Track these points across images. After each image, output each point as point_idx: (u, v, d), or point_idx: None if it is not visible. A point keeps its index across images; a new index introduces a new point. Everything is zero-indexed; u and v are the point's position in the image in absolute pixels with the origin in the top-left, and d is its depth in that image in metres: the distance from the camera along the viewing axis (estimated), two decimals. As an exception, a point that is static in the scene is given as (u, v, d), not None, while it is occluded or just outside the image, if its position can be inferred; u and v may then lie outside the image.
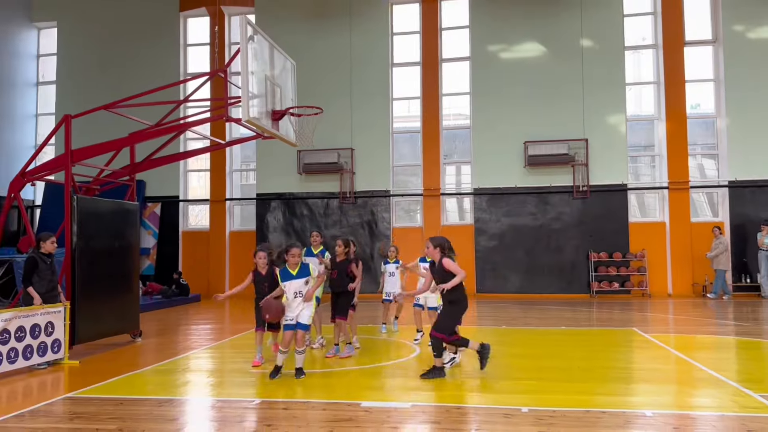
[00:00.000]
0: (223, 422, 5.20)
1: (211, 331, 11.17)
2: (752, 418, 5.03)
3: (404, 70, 18.52)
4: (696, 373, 6.89)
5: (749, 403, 5.47)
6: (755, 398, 5.62)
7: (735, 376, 6.58)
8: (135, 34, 19.31)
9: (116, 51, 19.34)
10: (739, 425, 4.84)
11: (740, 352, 8.53)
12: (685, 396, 6.08)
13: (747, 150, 16.30)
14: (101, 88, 18.30)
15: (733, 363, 7.78)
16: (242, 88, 7.96)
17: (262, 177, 18.44)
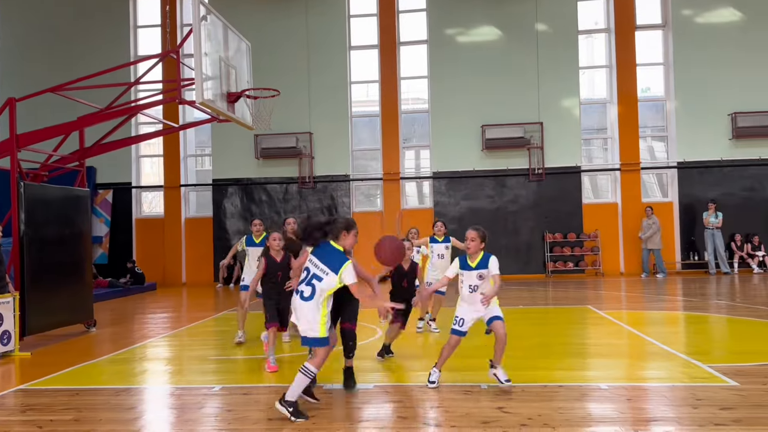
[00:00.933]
0: (182, 409, 5.12)
1: (168, 319, 10.96)
2: (701, 387, 5.25)
3: (362, 53, 18.39)
4: (647, 347, 7.14)
5: (698, 374, 5.70)
6: (703, 369, 5.86)
7: (684, 349, 6.84)
8: (83, 15, 18.56)
9: (63, 32, 18.55)
10: (689, 395, 5.04)
11: (689, 326, 8.88)
12: (637, 369, 6.30)
13: (695, 132, 16.84)
14: (48, 70, 17.53)
15: (682, 336, 8.09)
16: (195, 69, 7.75)
17: (219, 162, 18.09)
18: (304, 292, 4.61)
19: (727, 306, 10.47)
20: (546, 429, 4.25)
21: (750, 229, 16.45)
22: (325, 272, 4.58)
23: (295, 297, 4.70)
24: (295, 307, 4.72)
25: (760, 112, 16.36)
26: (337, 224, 4.71)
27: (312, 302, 4.58)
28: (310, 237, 4.71)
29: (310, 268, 4.64)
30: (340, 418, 4.67)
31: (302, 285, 4.64)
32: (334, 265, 4.57)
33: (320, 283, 4.57)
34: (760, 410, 4.56)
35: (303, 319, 4.63)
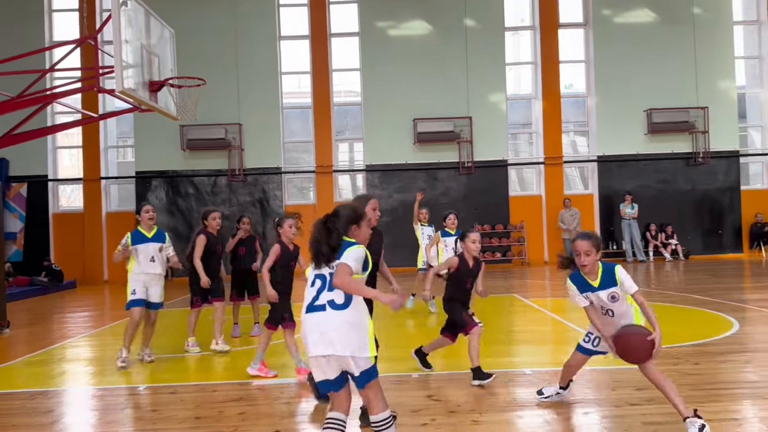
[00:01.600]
0: (104, 411, 4.92)
1: (88, 318, 10.49)
2: (618, 370, 5.53)
3: (293, 43, 18.14)
4: (569, 333, 7.45)
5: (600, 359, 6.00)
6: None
7: (602, 333, 7.19)
8: (-11, -4, 17.35)
9: (-34, 13, 17.27)
10: (608, 378, 5.31)
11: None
12: (560, 354, 6.54)
13: (613, 127, 17.66)
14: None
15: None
16: (115, 56, 7.41)
17: (142, 154, 17.40)
18: (336, 300, 3.22)
19: (643, 292, 11.06)
20: (473, 414, 4.37)
21: (664, 219, 17.45)
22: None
23: (312, 314, 3.27)
24: (314, 325, 3.25)
25: (673, 108, 17.35)
26: (340, 219, 3.42)
27: (350, 309, 3.23)
28: (321, 256, 3.33)
29: (324, 273, 3.32)
30: (271, 414, 4.62)
31: (324, 294, 3.26)
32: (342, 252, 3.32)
33: None
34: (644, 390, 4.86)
35: (344, 337, 3.18)
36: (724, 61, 17.64)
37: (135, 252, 6.48)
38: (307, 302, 3.31)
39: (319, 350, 3.19)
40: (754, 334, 6.97)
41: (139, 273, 6.49)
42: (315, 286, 3.33)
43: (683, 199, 17.52)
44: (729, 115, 17.57)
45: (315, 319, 3.24)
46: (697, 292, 10.41)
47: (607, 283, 4.05)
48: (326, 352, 3.18)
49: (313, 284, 3.35)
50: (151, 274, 6.54)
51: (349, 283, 3.21)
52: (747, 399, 4.61)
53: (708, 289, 10.76)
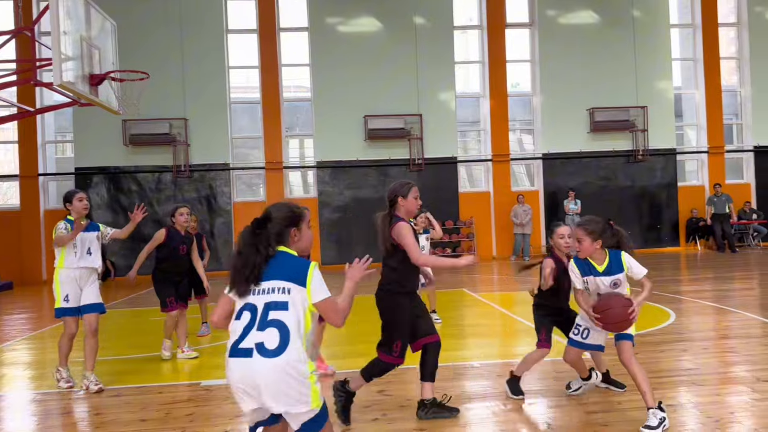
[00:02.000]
0: (44, 416, 4.74)
1: (27, 320, 10.06)
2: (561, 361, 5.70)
3: (241, 37, 17.84)
4: (516, 326, 7.64)
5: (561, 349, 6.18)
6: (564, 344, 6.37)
7: (548, 326, 7.40)
8: None
9: None
10: (552, 369, 5.47)
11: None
12: (506, 347, 6.73)
13: (557, 125, 18.13)
14: None
15: (546, 315, 8.74)
16: (53, 49, 7.12)
17: (82, 149, 16.77)
18: (266, 343, 2.55)
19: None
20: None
21: (605, 214, 17.88)
22: (287, 290, 2.64)
23: (237, 360, 2.58)
24: (240, 374, 2.57)
25: (614, 107, 17.94)
26: (275, 224, 2.76)
27: (285, 355, 2.55)
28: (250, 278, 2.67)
29: (253, 303, 2.64)
30: (220, 415, 4.55)
31: (252, 334, 2.58)
32: (295, 273, 2.68)
33: (289, 314, 2.61)
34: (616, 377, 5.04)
35: (277, 390, 2.55)
36: (661, 62, 18.36)
37: (69, 245, 5.41)
38: (231, 342, 2.62)
39: (248, 405, 2.62)
40: (690, 324, 7.31)
41: (74, 268, 5.40)
42: (242, 321, 2.62)
43: (624, 195, 18.17)
44: (666, 114, 18.31)
45: (240, 367, 2.56)
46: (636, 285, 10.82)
47: (613, 270, 4.11)
48: (255, 406, 2.61)
49: (239, 317, 2.64)
50: (88, 269, 5.49)
51: (345, 312, 2.78)
52: (684, 386, 4.83)
53: (647, 282, 11.20)
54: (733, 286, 10.88)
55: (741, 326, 7.13)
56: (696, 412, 4.24)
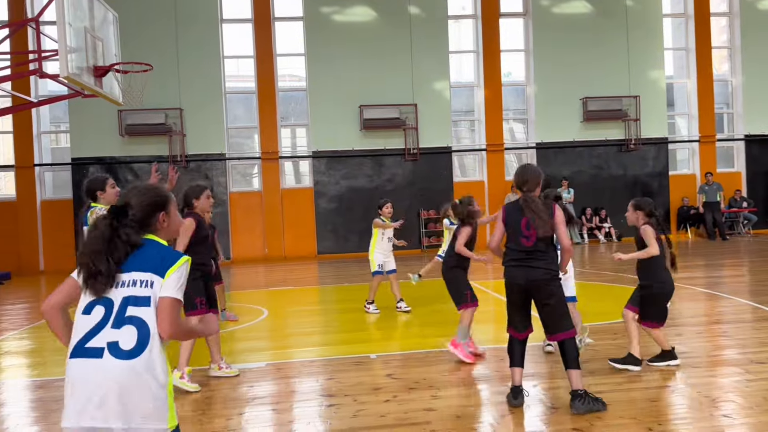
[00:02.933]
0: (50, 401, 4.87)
1: (27, 310, 10.15)
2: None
3: (235, 26, 17.82)
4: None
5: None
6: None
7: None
8: None
9: None
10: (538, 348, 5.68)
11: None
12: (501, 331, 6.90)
13: (551, 115, 18.30)
14: None
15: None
16: (59, 40, 7.18)
17: (77, 140, 16.74)
18: (121, 343, 2.18)
19: (579, 272, 11.66)
20: (431, 390, 4.61)
21: (598, 203, 18.30)
22: (149, 283, 2.24)
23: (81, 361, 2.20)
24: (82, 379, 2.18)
25: (606, 97, 18.12)
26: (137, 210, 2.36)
27: (144, 357, 2.19)
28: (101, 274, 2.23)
29: (109, 297, 2.23)
30: (236, 398, 4.71)
31: (104, 332, 2.19)
32: (160, 264, 2.28)
33: (150, 311, 2.22)
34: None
35: (128, 400, 2.15)
36: (654, 52, 18.55)
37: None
38: (76, 340, 2.22)
39: (83, 420, 2.14)
40: (682, 309, 7.54)
41: None
42: (93, 317, 2.22)
43: (616, 184, 18.40)
44: (658, 103, 18.53)
45: (84, 370, 2.17)
46: (630, 272, 11.06)
47: None
48: (95, 424, 2.13)
49: (88, 312, 2.23)
50: None
51: (187, 330, 2.40)
52: (680, 369, 5.03)
53: (640, 269, 11.45)
54: (724, 273, 11.15)
55: (732, 311, 7.37)
56: (691, 392, 4.45)
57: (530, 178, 4.35)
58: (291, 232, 17.34)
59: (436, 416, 4.09)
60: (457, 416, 4.09)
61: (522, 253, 4.29)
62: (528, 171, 4.38)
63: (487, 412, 4.29)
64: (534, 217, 4.20)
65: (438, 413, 4.14)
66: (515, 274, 4.33)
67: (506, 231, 4.42)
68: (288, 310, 8.80)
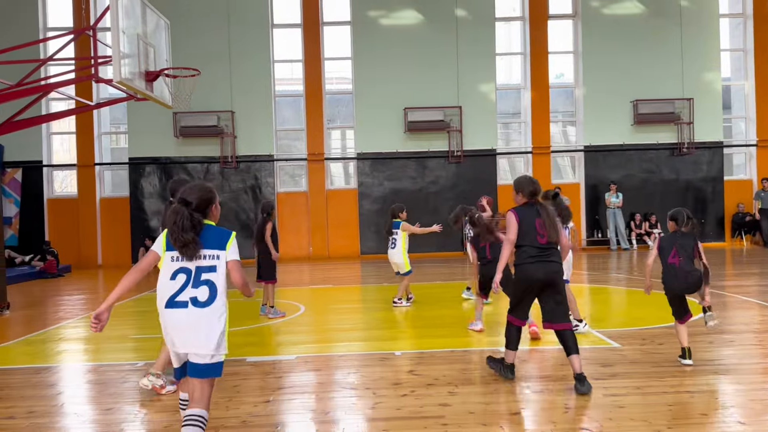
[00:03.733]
0: (105, 384, 5.24)
1: (85, 301, 10.78)
2: (588, 349, 5.91)
3: (285, 31, 18.31)
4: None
5: (588, 339, 6.38)
6: (593, 334, 6.56)
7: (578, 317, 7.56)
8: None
9: (-41, -1, 17.31)
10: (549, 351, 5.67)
11: (588, 297, 9.73)
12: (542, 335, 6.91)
13: (600, 117, 17.98)
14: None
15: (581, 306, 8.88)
16: (113, 47, 7.65)
17: (135, 140, 17.58)
18: (199, 297, 3.21)
19: (625, 278, 11.48)
20: (449, 387, 4.73)
21: (648, 208, 17.85)
22: (215, 256, 3.27)
23: (173, 311, 3.24)
24: (176, 322, 3.24)
25: (658, 99, 17.68)
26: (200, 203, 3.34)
27: (213, 306, 3.23)
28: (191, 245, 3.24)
29: (188, 267, 3.25)
30: (264, 387, 4.95)
31: (188, 290, 3.23)
32: (219, 241, 3.30)
33: (217, 275, 3.26)
34: (633, 366, 5.24)
35: (195, 335, 3.21)
36: (709, 53, 17.97)
37: None
38: (167, 297, 3.24)
39: (178, 348, 3.27)
40: (722, 317, 7.34)
41: None
42: (177, 281, 3.24)
43: (667, 189, 17.91)
44: (714, 106, 17.93)
45: (175, 315, 3.22)
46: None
47: None
48: (184, 350, 3.26)
49: (173, 278, 3.24)
50: None
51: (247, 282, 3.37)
52: (703, 375, 4.97)
53: (685, 276, 11.15)
54: (776, 282, 10.72)
55: (776, 321, 7.14)
56: (712, 398, 4.40)
57: (539, 189, 4.91)
58: (335, 232, 17.67)
59: (449, 411, 4.20)
60: (470, 412, 4.19)
61: (539, 249, 4.70)
62: (537, 183, 4.93)
63: (500, 409, 4.36)
64: (548, 221, 4.73)
65: (452, 408, 4.26)
66: (535, 269, 4.71)
67: (520, 232, 4.72)
68: (325, 308, 9.04)
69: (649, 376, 4.91)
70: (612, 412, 4.11)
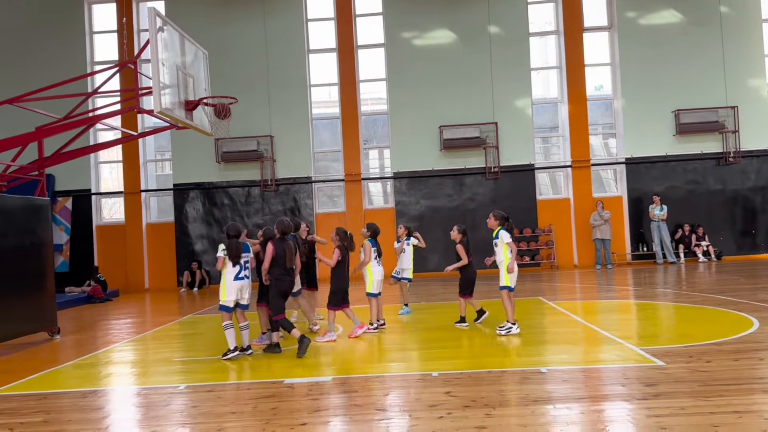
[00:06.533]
0: (148, 407, 5.37)
1: (132, 325, 11.08)
2: (632, 368, 5.75)
3: (321, 56, 18.67)
4: (588, 334, 7.65)
5: (631, 357, 6.21)
6: (636, 352, 6.38)
7: (621, 334, 7.37)
8: (37, 23, 18.33)
9: (17, 41, 18.29)
10: (620, 375, 5.53)
11: (630, 314, 9.47)
12: (576, 354, 6.77)
13: (641, 129, 17.63)
14: (2, 81, 17.32)
15: (621, 323, 8.66)
16: (153, 78, 7.95)
17: (179, 167, 18.13)
18: (246, 273, 7.18)
19: (671, 293, 11.13)
20: (486, 409, 4.66)
21: (694, 220, 17.32)
22: (248, 255, 7.29)
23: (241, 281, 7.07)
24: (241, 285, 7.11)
25: (701, 109, 17.24)
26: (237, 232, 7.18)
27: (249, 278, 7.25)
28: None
29: (241, 263, 7.10)
30: (300, 409, 4.99)
31: (243, 272, 7.12)
32: (247, 249, 7.31)
33: (248, 263, 7.30)
34: (678, 385, 5.06)
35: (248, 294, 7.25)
36: (753, 59, 17.46)
37: None
38: (233, 275, 7.07)
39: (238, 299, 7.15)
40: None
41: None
42: (236, 268, 7.11)
43: (714, 200, 17.37)
44: (759, 113, 17.37)
45: (239, 283, 7.10)
46: (722, 293, 10.43)
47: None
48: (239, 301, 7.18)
49: (234, 267, 7.10)
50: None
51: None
52: (752, 394, 4.77)
53: (735, 290, 10.76)
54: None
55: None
56: (759, 418, 4.21)
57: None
58: (374, 251, 17.69)
59: (486, 434, 4.14)
60: (506, 434, 4.12)
61: None
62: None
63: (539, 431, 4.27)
64: None
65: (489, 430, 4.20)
66: None
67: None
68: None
69: (695, 395, 4.75)
70: (654, 434, 3.98)
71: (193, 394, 5.70)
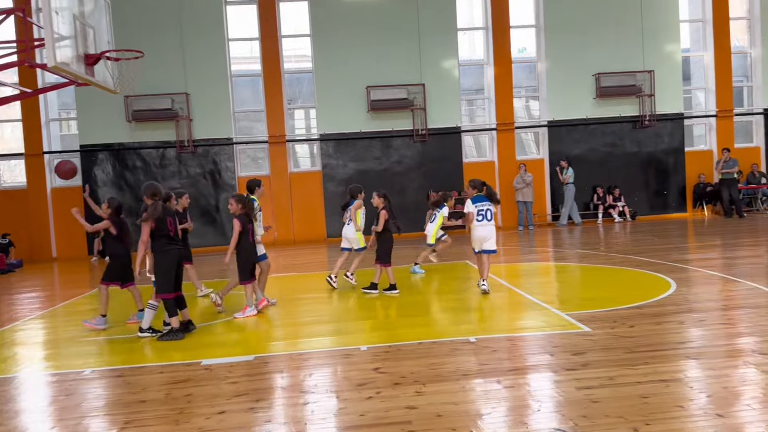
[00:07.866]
0: (47, 398, 4.84)
1: (37, 299, 10.22)
2: (558, 335, 5.75)
3: (239, 8, 17.60)
4: (516, 299, 7.67)
5: (557, 322, 6.22)
6: (562, 317, 6.41)
7: (546, 299, 7.42)
8: None
9: None
10: (547, 343, 5.50)
11: (553, 276, 9.62)
12: (504, 321, 6.75)
13: (563, 91, 17.87)
14: None
15: (545, 287, 8.76)
16: (45, 29, 7.06)
17: (85, 126, 16.78)
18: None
19: (591, 255, 11.41)
20: (416, 386, 4.49)
21: (612, 181, 17.91)
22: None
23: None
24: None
25: (620, 72, 17.63)
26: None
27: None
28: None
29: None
30: (219, 395, 4.63)
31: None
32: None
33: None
34: (607, 353, 5.08)
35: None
36: (669, 24, 17.95)
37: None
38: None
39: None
40: (689, 294, 7.29)
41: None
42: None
43: (630, 162, 18.00)
44: (674, 78, 17.98)
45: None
46: (638, 254, 10.80)
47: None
48: None
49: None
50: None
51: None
52: (676, 360, 4.84)
53: (650, 251, 11.17)
54: (740, 254, 10.80)
55: (745, 296, 7.10)
56: (687, 387, 4.26)
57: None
58: (300, 216, 17.28)
59: (416, 415, 3.96)
60: (438, 415, 3.95)
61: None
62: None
63: (469, 410, 4.13)
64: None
65: (419, 411, 4.01)
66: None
67: None
68: (288, 299, 8.69)
69: (621, 364, 4.76)
70: (586, 408, 3.92)
71: (100, 380, 5.21)
